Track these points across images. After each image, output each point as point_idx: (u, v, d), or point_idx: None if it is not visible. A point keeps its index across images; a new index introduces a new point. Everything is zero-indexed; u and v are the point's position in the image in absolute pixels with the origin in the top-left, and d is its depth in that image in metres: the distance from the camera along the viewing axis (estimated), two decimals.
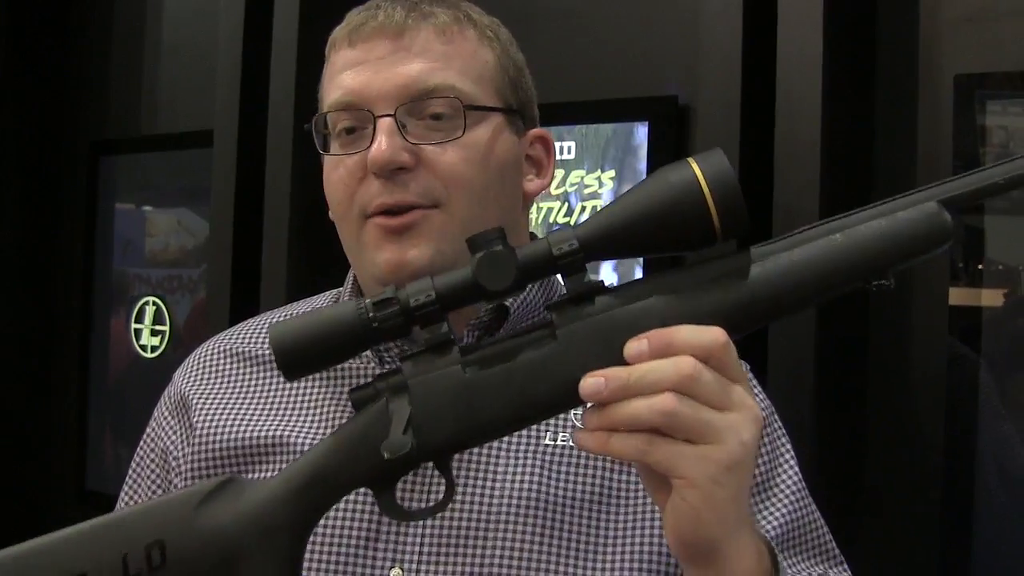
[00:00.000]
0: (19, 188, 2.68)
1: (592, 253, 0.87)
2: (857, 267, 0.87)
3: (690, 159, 0.86)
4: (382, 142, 1.07)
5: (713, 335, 0.84)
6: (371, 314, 0.87)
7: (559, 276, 0.89)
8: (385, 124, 1.08)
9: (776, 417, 1.18)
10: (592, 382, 0.84)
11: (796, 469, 1.15)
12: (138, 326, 2.56)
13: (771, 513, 1.11)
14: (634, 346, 0.84)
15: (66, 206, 2.71)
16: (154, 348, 2.53)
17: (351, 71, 1.11)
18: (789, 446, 1.17)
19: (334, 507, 0.92)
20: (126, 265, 2.61)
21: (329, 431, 1.12)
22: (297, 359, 0.88)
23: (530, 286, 1.04)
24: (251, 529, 0.88)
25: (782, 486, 1.13)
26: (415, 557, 1.07)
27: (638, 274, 1.68)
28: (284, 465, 1.12)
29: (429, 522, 1.07)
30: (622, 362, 0.84)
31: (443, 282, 0.87)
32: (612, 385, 0.83)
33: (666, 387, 0.82)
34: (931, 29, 1.60)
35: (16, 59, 2.64)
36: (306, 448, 1.12)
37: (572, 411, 0.92)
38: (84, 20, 2.71)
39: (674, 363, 0.83)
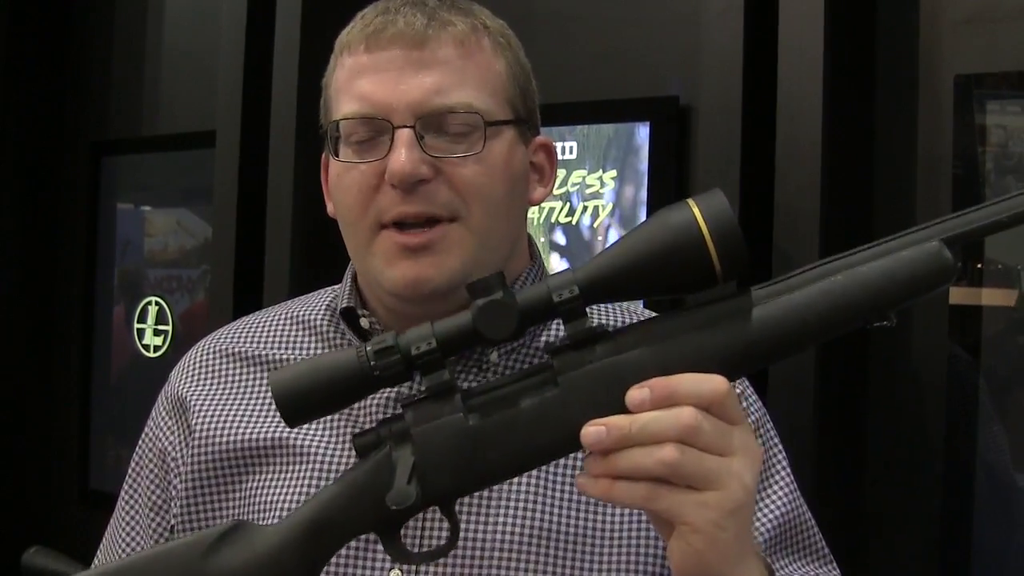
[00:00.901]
0: (20, 188, 2.68)
1: (592, 297, 0.87)
2: (859, 308, 0.86)
3: (689, 200, 0.86)
4: (402, 154, 1.07)
5: (714, 384, 0.84)
6: (372, 362, 0.87)
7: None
8: (405, 136, 1.07)
9: (769, 420, 1.19)
10: (594, 431, 0.84)
11: (788, 470, 1.16)
12: (141, 326, 2.56)
13: (764, 515, 1.12)
14: (636, 395, 0.85)
15: (67, 206, 2.71)
16: (156, 348, 2.53)
17: (368, 78, 1.10)
18: (781, 447, 1.18)
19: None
20: (124, 265, 2.61)
21: (328, 431, 1.13)
22: (299, 407, 0.89)
23: None
24: None
25: (775, 487, 1.14)
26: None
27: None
28: (286, 466, 1.13)
29: (430, 532, 1.07)
30: (623, 409, 0.85)
31: (443, 330, 0.88)
32: (614, 435, 0.84)
33: (668, 438, 0.83)
34: (931, 30, 1.60)
35: (17, 60, 2.64)
36: (306, 447, 1.13)
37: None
38: (85, 21, 2.71)
39: (676, 414, 0.83)
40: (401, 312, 1.13)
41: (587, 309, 0.88)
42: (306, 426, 1.14)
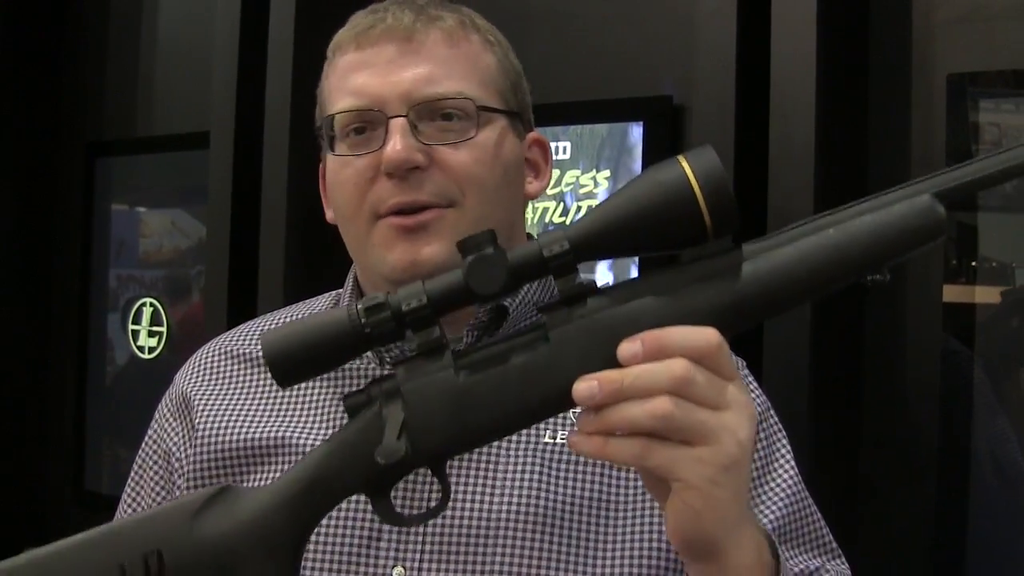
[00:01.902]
0: (15, 189, 2.67)
1: (583, 254, 0.86)
2: (851, 262, 0.86)
3: (680, 157, 0.85)
4: (396, 142, 1.08)
5: (706, 336, 0.84)
6: (363, 319, 0.86)
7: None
8: (398, 124, 1.09)
9: (772, 412, 1.19)
10: (585, 386, 0.83)
11: (792, 463, 1.16)
12: (135, 327, 2.56)
13: (768, 507, 1.12)
14: (627, 348, 0.84)
15: (62, 207, 2.71)
16: (151, 349, 2.53)
17: (360, 73, 1.11)
18: (785, 440, 1.18)
19: (336, 507, 0.92)
20: (119, 267, 2.61)
21: (331, 431, 1.12)
22: (290, 366, 0.88)
23: (528, 285, 1.04)
24: (248, 537, 0.88)
25: (779, 480, 1.14)
26: (417, 556, 1.07)
27: (633, 272, 1.69)
28: (287, 466, 1.13)
29: (431, 523, 1.07)
30: (615, 364, 0.84)
31: (434, 286, 0.87)
32: (606, 389, 0.83)
33: (661, 390, 0.82)
34: (924, 29, 1.61)
35: (12, 60, 2.64)
36: (309, 449, 1.12)
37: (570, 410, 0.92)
38: (80, 21, 2.70)
39: (668, 366, 0.82)
40: None
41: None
42: (308, 426, 1.15)
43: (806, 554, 1.14)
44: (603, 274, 1.74)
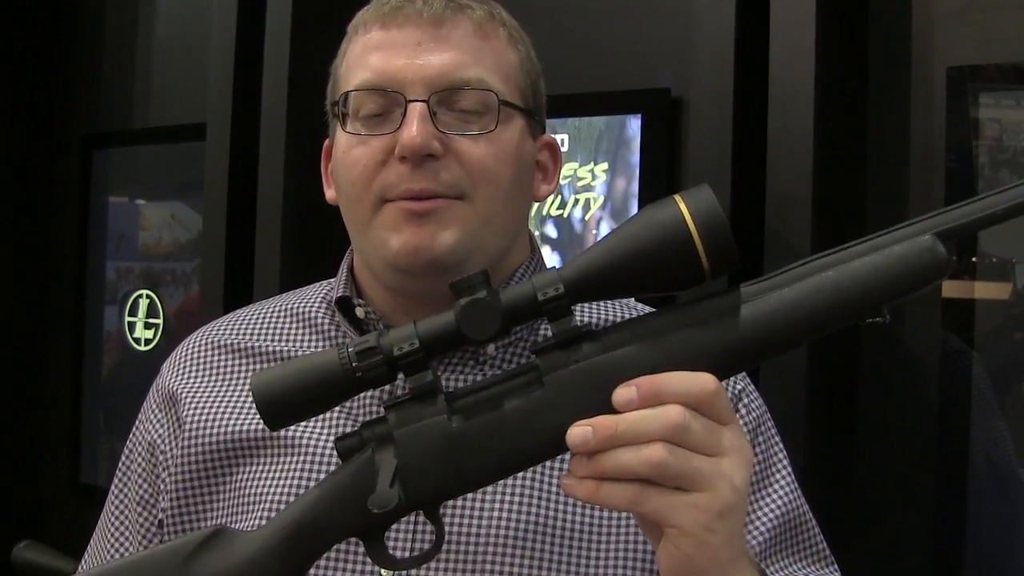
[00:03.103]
0: (11, 181, 2.67)
1: (578, 296, 0.86)
2: (851, 304, 0.85)
3: (676, 196, 0.85)
4: (414, 127, 1.06)
5: (703, 382, 0.83)
6: (354, 363, 0.86)
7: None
8: (418, 109, 1.07)
9: (769, 417, 1.18)
10: (579, 432, 0.83)
11: (789, 470, 1.15)
12: (131, 319, 2.56)
13: (764, 513, 1.12)
14: (623, 394, 0.83)
15: (58, 199, 2.71)
16: (147, 341, 2.53)
17: (383, 52, 1.10)
18: (782, 447, 1.17)
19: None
20: (119, 259, 2.60)
21: (320, 423, 1.12)
22: (281, 411, 0.88)
23: None
24: None
25: (775, 486, 1.13)
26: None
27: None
28: (278, 459, 1.12)
29: (422, 531, 1.07)
30: (610, 409, 0.83)
31: (426, 329, 0.86)
32: (600, 435, 0.82)
33: (655, 437, 0.81)
34: (924, 21, 1.60)
35: (7, 52, 2.64)
36: (297, 439, 1.12)
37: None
38: (76, 12, 2.70)
39: (663, 413, 0.81)
40: (399, 290, 1.12)
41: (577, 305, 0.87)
42: None
43: (801, 562, 1.13)
44: None
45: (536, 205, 1.85)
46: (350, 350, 0.86)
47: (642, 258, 0.84)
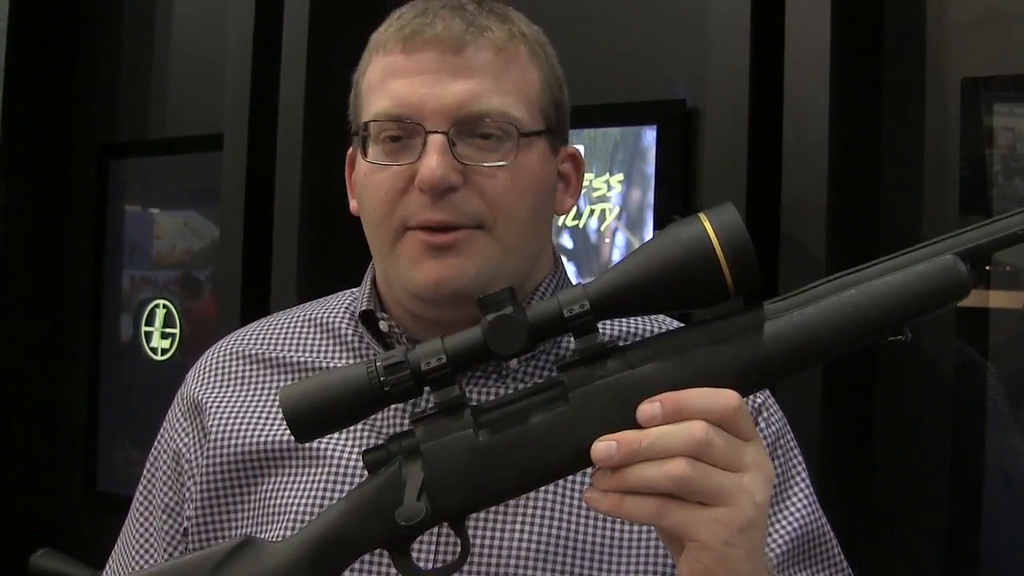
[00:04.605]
0: (28, 191, 2.68)
1: (603, 312, 0.87)
2: (872, 323, 0.86)
3: (701, 215, 0.86)
4: (433, 160, 1.06)
5: (725, 399, 0.84)
6: (382, 378, 0.87)
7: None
8: (437, 141, 1.07)
9: (788, 429, 1.18)
10: (604, 446, 0.84)
11: (808, 482, 1.16)
12: (148, 328, 2.56)
13: (782, 526, 1.12)
14: (647, 410, 0.84)
15: (75, 209, 2.71)
16: (164, 351, 2.54)
17: (404, 80, 1.09)
18: (801, 459, 1.17)
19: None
20: (132, 268, 2.61)
21: (344, 434, 1.13)
22: (309, 423, 0.89)
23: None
24: None
25: (794, 499, 1.14)
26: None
27: None
28: (303, 469, 1.13)
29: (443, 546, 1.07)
30: (634, 425, 0.84)
31: (453, 345, 0.88)
32: (624, 450, 0.83)
33: (678, 453, 0.82)
34: (938, 32, 1.60)
35: (25, 62, 2.64)
36: (321, 449, 1.13)
37: None
38: (93, 23, 2.71)
39: (687, 428, 0.83)
40: (421, 316, 1.13)
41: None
42: None
43: (819, 574, 1.14)
44: None
45: None
46: (378, 364, 0.88)
47: (667, 276, 0.85)
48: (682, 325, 0.92)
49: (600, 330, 0.88)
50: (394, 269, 1.12)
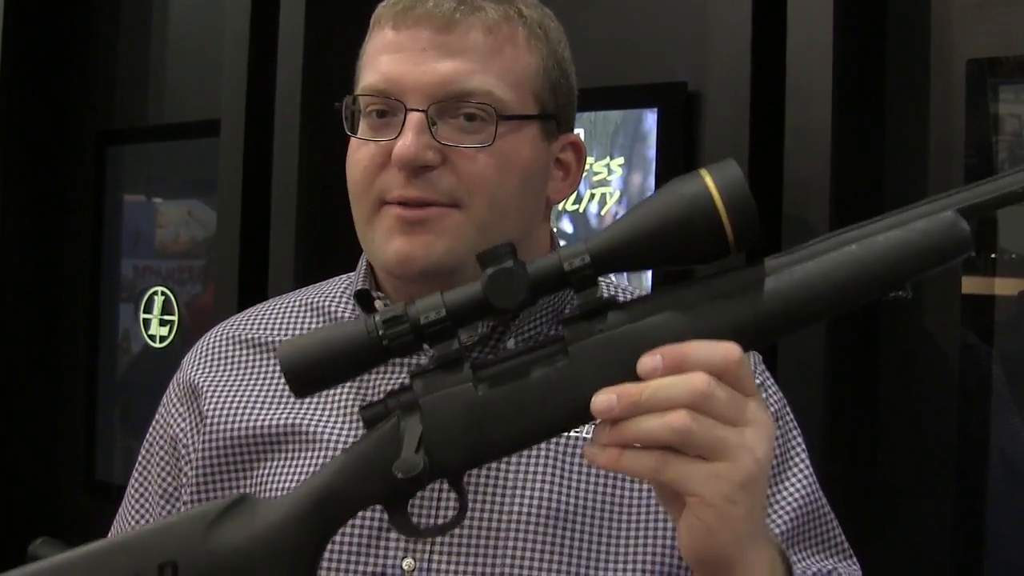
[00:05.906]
0: (26, 178, 2.68)
1: (603, 267, 0.86)
2: (874, 279, 0.85)
3: (703, 171, 0.85)
4: (408, 138, 1.06)
5: (727, 350, 0.83)
6: (381, 332, 0.86)
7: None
8: (415, 120, 1.07)
9: (788, 410, 1.18)
10: (604, 399, 0.83)
11: (808, 463, 1.15)
12: (147, 316, 2.56)
13: (782, 507, 1.11)
14: (647, 362, 0.83)
15: (73, 196, 2.71)
16: (163, 338, 2.53)
17: (390, 56, 1.09)
18: (801, 439, 1.17)
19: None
20: (136, 257, 2.61)
21: (341, 418, 1.13)
22: (308, 378, 0.88)
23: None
24: (264, 549, 0.88)
25: (793, 480, 1.13)
26: (427, 547, 1.07)
27: (647, 279, 1.68)
28: (300, 453, 1.13)
29: (442, 515, 1.07)
30: (635, 378, 0.83)
31: (453, 299, 0.87)
32: (624, 402, 0.82)
33: (679, 404, 0.81)
34: (943, 14, 1.58)
35: (23, 48, 2.64)
36: (318, 434, 1.13)
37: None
38: (91, 9, 2.70)
39: (687, 380, 0.82)
40: (408, 293, 1.12)
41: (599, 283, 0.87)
42: (319, 412, 1.14)
43: (818, 555, 1.13)
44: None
45: None
46: (377, 319, 0.87)
47: (668, 230, 0.84)
48: (680, 282, 0.91)
49: (601, 284, 0.87)
50: (372, 244, 1.12)
